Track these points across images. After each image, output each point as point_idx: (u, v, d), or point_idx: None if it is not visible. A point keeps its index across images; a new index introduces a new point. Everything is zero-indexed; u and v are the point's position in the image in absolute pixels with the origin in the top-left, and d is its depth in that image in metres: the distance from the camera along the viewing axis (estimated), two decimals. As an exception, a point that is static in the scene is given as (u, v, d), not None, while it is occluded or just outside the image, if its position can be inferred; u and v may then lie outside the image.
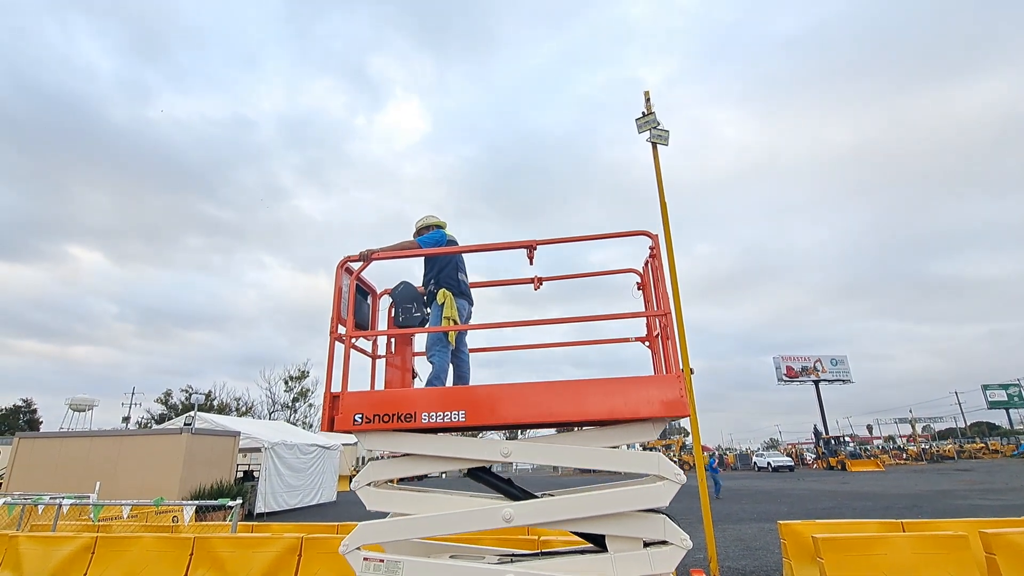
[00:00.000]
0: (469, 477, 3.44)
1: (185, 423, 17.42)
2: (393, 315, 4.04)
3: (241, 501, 8.18)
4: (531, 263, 3.60)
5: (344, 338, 3.53)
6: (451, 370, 4.16)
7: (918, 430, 65.64)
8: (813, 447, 49.67)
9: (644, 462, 3.09)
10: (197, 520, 9.91)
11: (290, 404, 43.51)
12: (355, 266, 3.81)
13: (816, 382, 53.57)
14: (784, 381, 53.92)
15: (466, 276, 4.43)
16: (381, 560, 3.08)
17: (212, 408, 39.91)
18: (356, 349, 3.76)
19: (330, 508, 17.81)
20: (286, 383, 43.81)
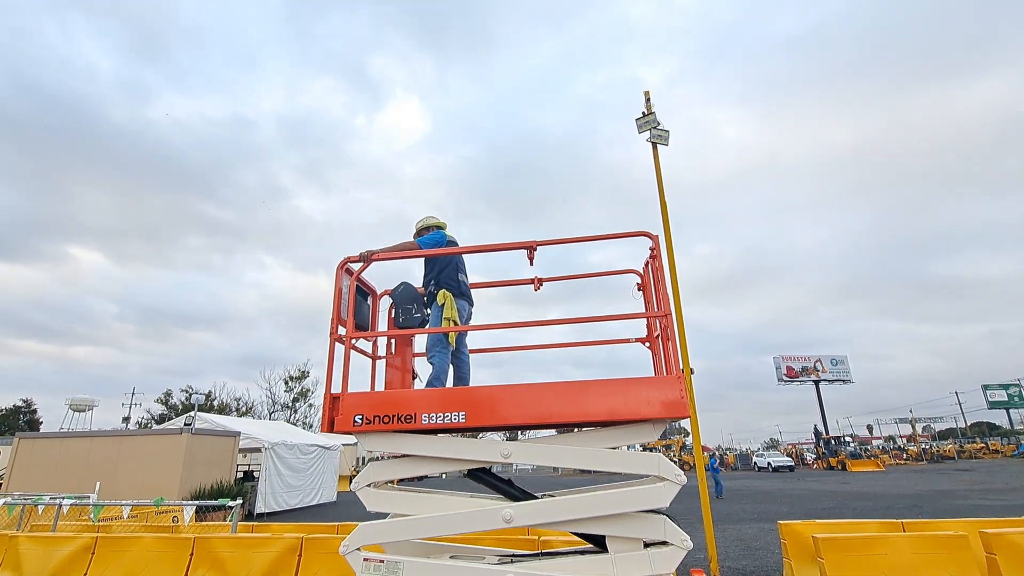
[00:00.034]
0: (469, 478, 3.44)
1: (185, 423, 17.42)
2: (393, 316, 4.04)
3: (241, 501, 8.18)
4: (531, 264, 3.60)
5: (344, 339, 3.52)
6: (451, 371, 4.16)
7: (918, 430, 65.62)
8: (813, 447, 49.66)
9: (644, 463, 3.08)
10: (197, 520, 9.91)
11: (290, 404, 43.53)
12: (355, 267, 3.81)
13: (816, 382, 53.55)
14: (784, 381, 53.91)
15: (466, 277, 4.42)
16: (381, 561, 3.08)
17: (212, 408, 39.90)
18: (356, 350, 3.75)
19: (330, 508, 17.81)
20: (286, 383, 43.83)
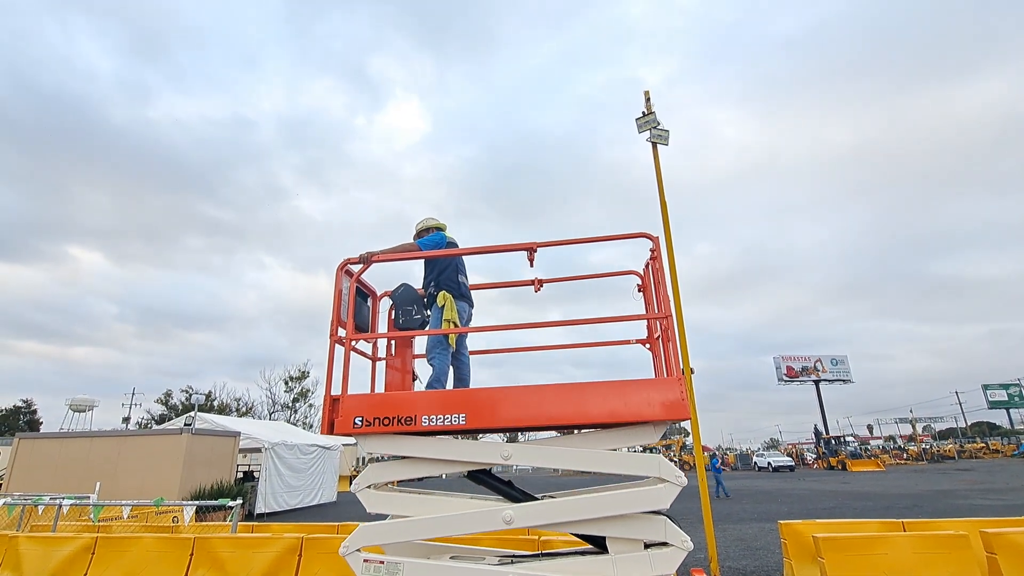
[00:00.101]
0: (470, 479, 3.44)
1: (185, 423, 17.41)
2: (393, 317, 4.03)
3: (241, 501, 8.17)
4: (531, 265, 3.59)
5: (344, 341, 3.52)
6: (452, 372, 4.15)
7: (918, 430, 65.58)
8: (814, 447, 49.65)
9: (645, 464, 3.08)
10: (197, 520, 9.90)
11: (290, 404, 43.52)
12: (355, 268, 3.80)
13: (816, 382, 53.54)
14: (784, 381, 53.90)
15: (466, 278, 4.42)
16: (381, 562, 3.07)
17: (212, 408, 39.90)
18: (356, 352, 3.75)
19: (330, 508, 17.81)
20: (286, 383, 43.82)
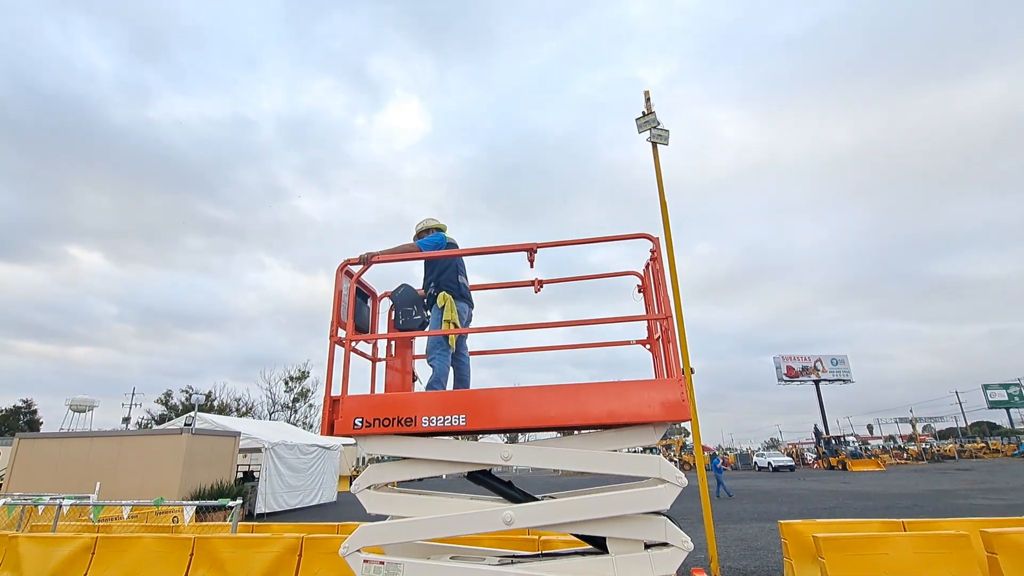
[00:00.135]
0: (470, 480, 3.44)
1: (185, 423, 17.41)
2: (393, 318, 4.03)
3: (241, 501, 8.17)
4: (531, 266, 3.59)
5: (344, 342, 3.51)
6: (452, 373, 4.15)
7: (919, 430, 65.53)
8: (814, 447, 49.64)
9: (645, 465, 3.08)
10: (197, 520, 9.90)
11: (290, 404, 43.49)
12: (355, 269, 3.80)
13: (816, 382, 53.51)
14: (784, 381, 53.87)
15: (466, 279, 4.41)
16: (381, 562, 3.07)
17: (212, 408, 39.90)
18: (356, 352, 3.75)
19: (330, 508, 17.81)
20: (286, 383, 43.80)
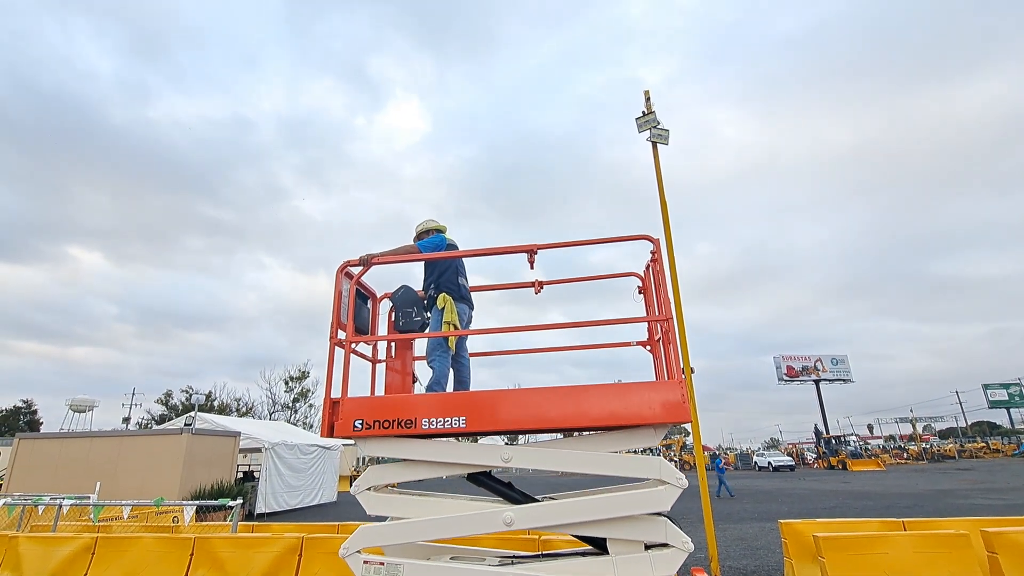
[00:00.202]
0: (470, 481, 3.43)
1: (185, 423, 17.40)
2: (393, 319, 4.03)
3: (241, 501, 8.16)
4: (532, 267, 3.59)
5: (344, 343, 3.51)
6: (451, 374, 4.14)
7: (919, 430, 65.50)
8: (814, 446, 49.62)
9: (646, 466, 3.07)
10: (197, 520, 9.90)
11: (290, 404, 43.43)
12: (355, 270, 3.79)
13: (816, 381, 53.45)
14: (784, 380, 53.82)
15: (467, 280, 4.41)
16: (381, 563, 3.07)
17: (212, 408, 39.85)
18: (356, 354, 3.74)
19: (330, 508, 17.81)
20: (286, 383, 43.72)
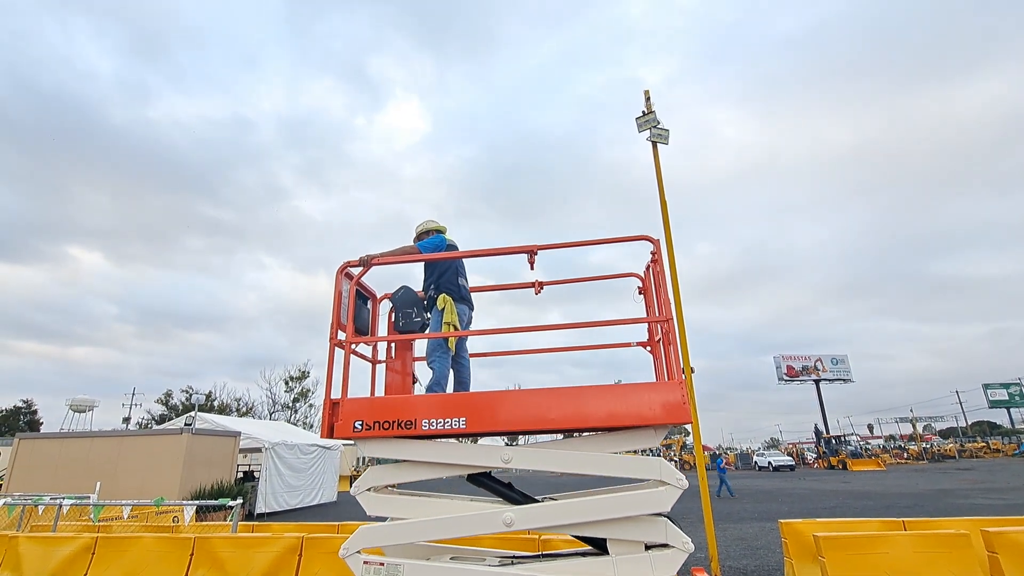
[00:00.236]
0: (470, 482, 3.43)
1: (185, 423, 17.41)
2: (393, 320, 4.02)
3: (241, 501, 8.16)
4: (532, 268, 3.58)
5: (344, 344, 3.51)
6: (451, 375, 4.14)
7: (919, 429, 65.48)
8: (814, 446, 49.60)
9: (646, 467, 3.07)
10: (197, 520, 9.90)
11: (290, 404, 43.42)
12: (355, 271, 3.79)
13: (817, 381, 53.39)
14: (784, 380, 53.76)
15: (466, 281, 4.40)
16: (381, 564, 3.07)
17: (212, 408, 39.85)
18: (356, 355, 3.74)
19: (330, 508, 17.81)
20: (286, 383, 43.71)
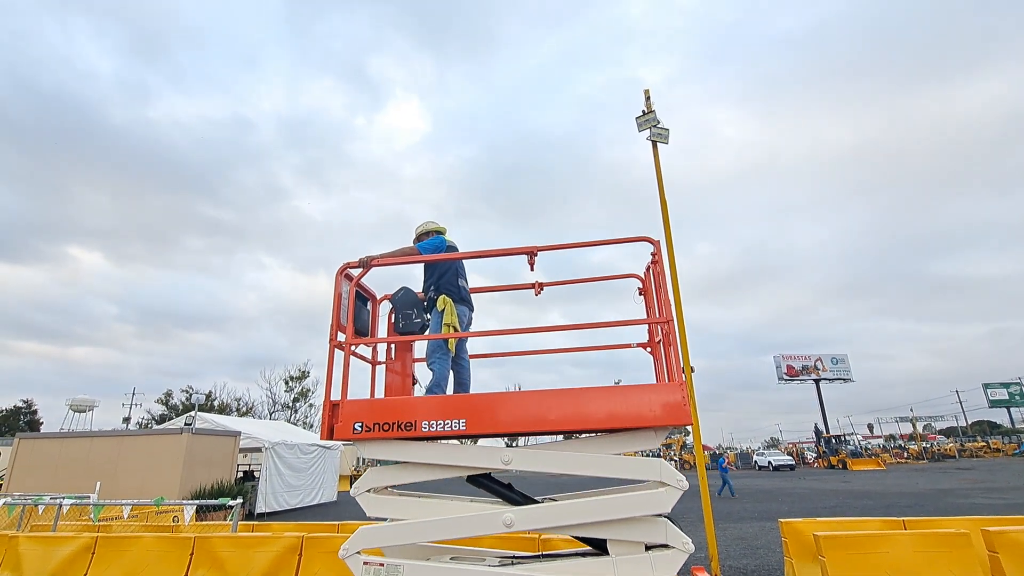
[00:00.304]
0: (470, 483, 3.43)
1: (185, 423, 17.41)
2: (393, 321, 4.02)
3: (241, 501, 8.16)
4: (532, 269, 3.58)
5: (344, 346, 3.50)
6: (452, 376, 4.13)
7: (919, 429, 65.47)
8: (814, 446, 49.60)
9: (646, 468, 3.07)
10: (197, 520, 9.90)
11: (290, 404, 43.44)
12: (354, 272, 3.79)
13: (817, 381, 53.33)
14: (784, 380, 53.71)
15: (467, 282, 4.40)
16: (381, 564, 3.06)
17: (212, 408, 39.86)
18: (356, 356, 3.74)
19: (331, 508, 17.82)
20: (286, 383, 43.73)
